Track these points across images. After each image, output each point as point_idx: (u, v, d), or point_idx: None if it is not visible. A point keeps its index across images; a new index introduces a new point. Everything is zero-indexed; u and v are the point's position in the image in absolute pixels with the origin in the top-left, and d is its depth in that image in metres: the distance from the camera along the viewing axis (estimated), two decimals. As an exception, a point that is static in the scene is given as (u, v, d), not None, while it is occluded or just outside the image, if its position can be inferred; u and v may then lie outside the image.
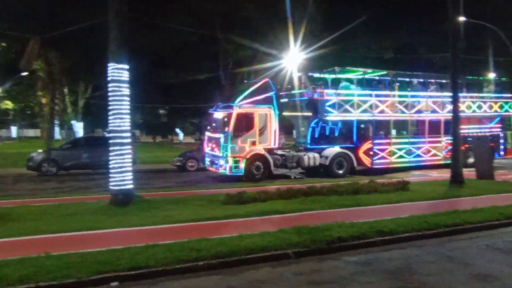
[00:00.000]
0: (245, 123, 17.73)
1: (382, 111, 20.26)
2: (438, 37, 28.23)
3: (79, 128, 43.88)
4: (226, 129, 17.85)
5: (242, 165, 17.41)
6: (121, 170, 11.92)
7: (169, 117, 63.03)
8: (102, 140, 21.08)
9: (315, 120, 19.78)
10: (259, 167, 17.76)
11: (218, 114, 19.28)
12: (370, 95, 20.32)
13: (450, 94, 21.14)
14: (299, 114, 20.85)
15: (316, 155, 18.96)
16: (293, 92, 20.74)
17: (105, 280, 6.01)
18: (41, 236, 8.27)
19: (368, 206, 11.18)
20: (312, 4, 27.32)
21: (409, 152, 20.86)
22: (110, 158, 12.16)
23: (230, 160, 17.49)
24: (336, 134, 20.56)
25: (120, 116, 11.99)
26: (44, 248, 7.15)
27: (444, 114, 21.44)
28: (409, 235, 8.38)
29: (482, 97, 23.32)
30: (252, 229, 8.44)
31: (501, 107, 23.14)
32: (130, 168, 12.30)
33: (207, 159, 19.41)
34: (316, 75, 20.89)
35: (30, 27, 15.80)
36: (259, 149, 17.87)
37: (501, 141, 23.27)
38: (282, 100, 21.26)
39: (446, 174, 17.03)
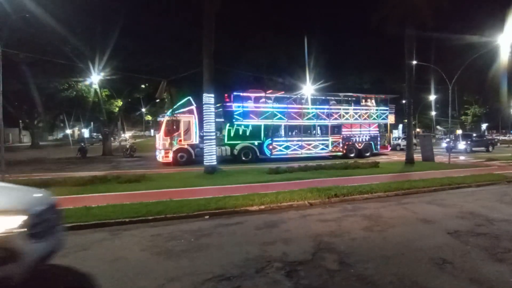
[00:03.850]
0: (173, 127, 16.42)
1: (280, 118, 18.48)
2: (398, 73, 26.73)
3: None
4: (162, 131, 16.65)
5: (171, 155, 16.25)
6: (210, 153, 12.31)
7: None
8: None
9: (229, 124, 17.73)
10: (182, 156, 16.49)
11: (160, 121, 17.47)
12: (271, 107, 18.37)
13: (334, 107, 19.98)
14: (220, 120, 18.66)
15: (228, 148, 17.35)
16: (225, 104, 18.55)
17: (201, 215, 6.33)
18: (167, 190, 8.77)
19: (353, 176, 11.00)
20: (319, 55, 26.67)
21: (301, 147, 18.91)
22: (204, 147, 12.51)
23: (163, 152, 16.44)
24: (248, 133, 18.08)
25: (210, 123, 12.36)
26: (169, 196, 7.68)
27: (331, 121, 19.74)
28: (379, 194, 8.27)
29: (365, 109, 20.84)
30: (284, 189, 8.64)
31: (379, 116, 21.14)
32: (215, 153, 12.60)
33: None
34: (242, 94, 18.33)
35: (160, 74, 16.50)
36: (183, 144, 16.60)
37: (378, 139, 20.73)
38: (217, 110, 19.86)
39: (402, 158, 16.17)
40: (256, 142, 17.96)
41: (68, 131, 47.12)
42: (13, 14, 14.23)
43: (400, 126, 36.44)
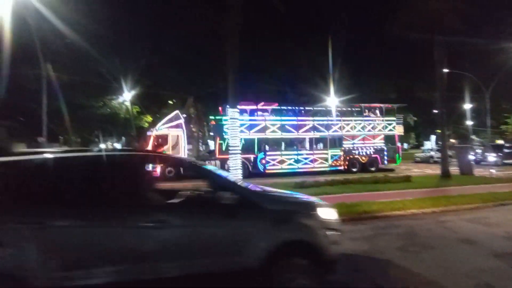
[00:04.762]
0: (162, 141, 16.02)
1: (273, 131, 17.17)
2: (427, 81, 25.40)
3: (211, 144, 46.25)
4: (150, 146, 16.24)
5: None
6: (235, 168, 12.26)
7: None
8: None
9: (219, 137, 16.51)
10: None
11: (149, 135, 17.16)
12: (264, 120, 17.16)
13: (333, 118, 18.38)
14: (211, 134, 18.43)
15: (217, 162, 16.15)
16: (216, 118, 17.65)
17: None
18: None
19: (383, 191, 10.30)
20: (343, 67, 26.18)
21: (297, 161, 17.39)
22: (230, 160, 12.53)
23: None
24: (240, 147, 17.46)
25: (235, 138, 12.37)
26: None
27: (330, 133, 18.06)
28: (413, 211, 7.65)
29: (368, 120, 18.91)
30: (311, 204, 8.15)
31: (384, 127, 19.16)
32: (240, 166, 12.54)
33: None
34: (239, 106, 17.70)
35: (187, 92, 17.13)
36: None
37: (385, 153, 18.62)
38: (210, 124, 18.92)
39: (436, 171, 15.14)
40: (249, 157, 16.73)
41: (102, 146, 49.92)
42: (56, 41, 15.64)
43: (433, 137, 34.49)
